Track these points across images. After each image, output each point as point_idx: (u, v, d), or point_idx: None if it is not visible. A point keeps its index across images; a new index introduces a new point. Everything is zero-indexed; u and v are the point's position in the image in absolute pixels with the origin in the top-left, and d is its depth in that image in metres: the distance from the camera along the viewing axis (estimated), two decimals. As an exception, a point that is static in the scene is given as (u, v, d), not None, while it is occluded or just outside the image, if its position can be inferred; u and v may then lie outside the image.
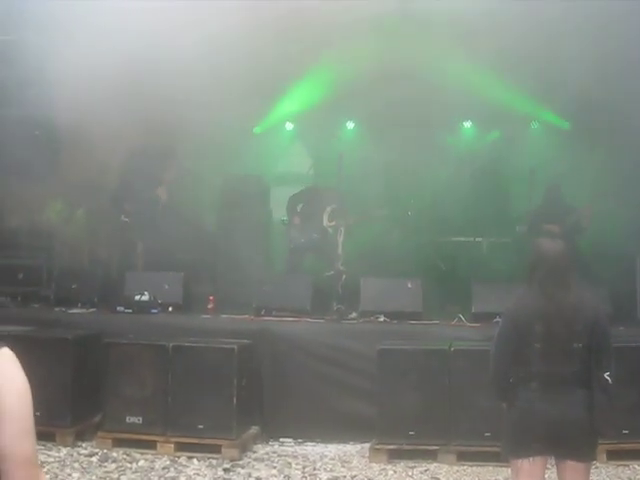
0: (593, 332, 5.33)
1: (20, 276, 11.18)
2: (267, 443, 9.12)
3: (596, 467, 8.11)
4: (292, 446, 9.06)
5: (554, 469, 5.55)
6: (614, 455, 8.21)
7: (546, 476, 5.56)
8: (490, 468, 8.10)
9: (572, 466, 5.34)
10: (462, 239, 12.89)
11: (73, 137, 11.15)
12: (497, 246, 12.67)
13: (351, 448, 8.94)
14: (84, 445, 8.83)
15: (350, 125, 14.58)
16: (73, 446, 8.76)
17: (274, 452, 8.87)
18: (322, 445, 9.04)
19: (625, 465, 8.22)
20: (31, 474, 2.90)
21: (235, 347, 8.68)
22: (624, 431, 8.12)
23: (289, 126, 14.71)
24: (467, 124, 14.39)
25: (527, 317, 5.39)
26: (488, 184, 13.58)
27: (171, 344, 8.78)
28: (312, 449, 8.97)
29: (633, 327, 9.58)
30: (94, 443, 8.83)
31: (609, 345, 5.43)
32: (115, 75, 9.68)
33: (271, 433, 9.22)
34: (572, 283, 5.47)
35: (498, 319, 7.49)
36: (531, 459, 5.32)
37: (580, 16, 9.50)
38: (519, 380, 5.40)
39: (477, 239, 12.83)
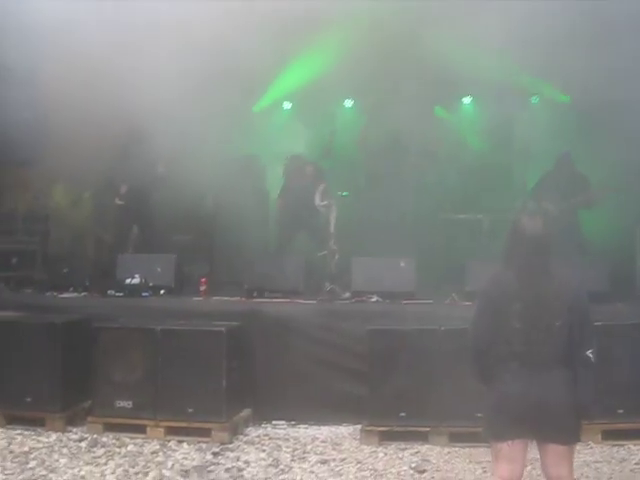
0: (572, 310, 5.17)
1: (14, 260, 11.13)
2: (259, 426, 9.01)
3: (590, 447, 8.02)
4: (284, 428, 8.96)
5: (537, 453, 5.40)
6: (609, 435, 8.10)
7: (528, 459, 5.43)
8: (482, 449, 7.91)
9: (554, 449, 5.18)
10: (463, 216, 12.69)
11: (70, 120, 11.06)
12: (498, 223, 12.47)
13: (344, 430, 8.82)
14: (74, 430, 8.76)
15: (349, 103, 14.44)
16: (63, 431, 8.70)
17: (266, 435, 8.77)
18: (315, 427, 8.94)
19: (620, 445, 8.08)
20: None
21: (223, 330, 8.57)
22: (619, 410, 8.04)
23: (287, 105, 14.58)
24: (467, 100, 14.22)
25: (504, 296, 5.22)
26: (489, 160, 13.42)
27: (160, 328, 8.69)
28: (304, 431, 8.87)
29: (632, 304, 9.39)
30: (85, 428, 8.76)
31: (589, 322, 5.27)
32: (111, 54, 9.62)
33: (263, 415, 9.10)
34: (550, 261, 5.29)
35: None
36: (510, 442, 5.19)
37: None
38: (499, 361, 5.25)
39: (478, 216, 12.62)
